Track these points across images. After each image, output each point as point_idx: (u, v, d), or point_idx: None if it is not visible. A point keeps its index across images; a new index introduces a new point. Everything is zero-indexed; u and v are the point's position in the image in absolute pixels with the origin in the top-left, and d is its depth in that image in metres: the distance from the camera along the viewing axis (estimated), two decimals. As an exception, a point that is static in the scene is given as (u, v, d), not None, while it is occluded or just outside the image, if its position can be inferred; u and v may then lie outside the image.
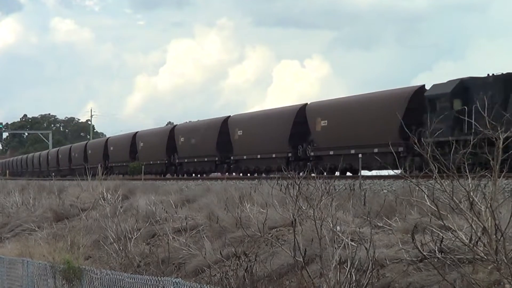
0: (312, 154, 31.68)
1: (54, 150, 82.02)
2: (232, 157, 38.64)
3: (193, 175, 42.91)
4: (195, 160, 42.55)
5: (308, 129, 32.58)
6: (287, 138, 33.57)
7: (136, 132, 54.77)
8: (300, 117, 33.32)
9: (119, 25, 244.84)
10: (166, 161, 46.35)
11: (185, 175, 43.08)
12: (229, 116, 40.49)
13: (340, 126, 30.03)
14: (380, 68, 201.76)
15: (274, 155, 33.91)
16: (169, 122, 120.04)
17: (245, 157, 37.12)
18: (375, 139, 26.38)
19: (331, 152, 29.97)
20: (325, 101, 33.72)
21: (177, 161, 45.22)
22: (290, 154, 33.22)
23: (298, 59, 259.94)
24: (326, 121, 31.29)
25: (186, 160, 43.78)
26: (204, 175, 41.00)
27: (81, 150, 66.41)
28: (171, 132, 46.79)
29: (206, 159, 41.32)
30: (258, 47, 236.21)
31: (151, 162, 48.85)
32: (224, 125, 39.81)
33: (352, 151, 27.74)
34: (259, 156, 35.80)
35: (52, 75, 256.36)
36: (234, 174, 38.47)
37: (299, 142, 33.19)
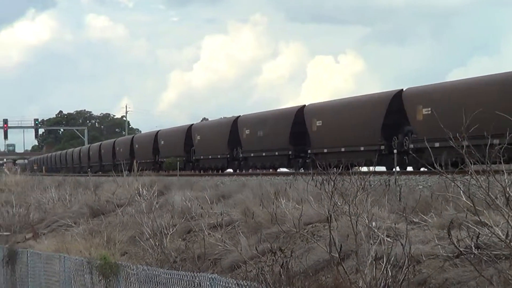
0: (411, 146, 27.87)
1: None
2: (309, 151, 35.12)
3: (257, 170, 39.13)
4: (263, 154, 39.32)
5: (406, 119, 29.14)
6: (379, 128, 30.09)
7: (192, 124, 54.10)
8: (395, 105, 29.75)
9: (152, 21, 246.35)
10: (228, 155, 43.55)
11: (250, 170, 39.90)
12: (304, 105, 37.10)
13: (450, 112, 25.82)
14: (414, 63, 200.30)
15: (362, 148, 30.84)
16: (204, 119, 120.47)
17: (325, 150, 33.78)
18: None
19: (437, 144, 25.13)
20: (427, 86, 30.06)
21: (241, 155, 42.70)
22: (382, 147, 29.82)
23: (332, 55, 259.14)
24: (429, 109, 27.54)
25: (252, 155, 40.75)
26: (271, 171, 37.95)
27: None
28: (234, 124, 43.90)
29: (276, 153, 37.84)
30: (291, 43, 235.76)
31: (210, 157, 48.17)
32: (299, 115, 36.25)
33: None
34: (343, 149, 32.24)
35: (87, 72, 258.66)
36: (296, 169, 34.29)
37: (394, 133, 29.81)
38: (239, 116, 43.80)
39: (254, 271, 10.91)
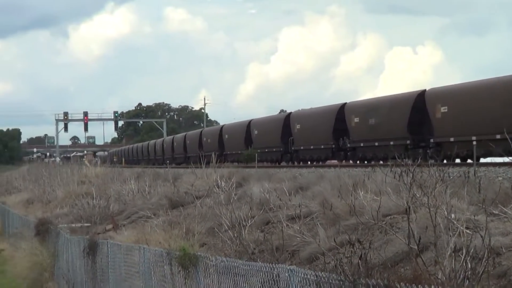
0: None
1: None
2: (431, 140, 32.76)
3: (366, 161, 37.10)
4: (376, 144, 36.44)
5: None
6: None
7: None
8: None
9: (230, 14, 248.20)
10: (333, 145, 42.04)
11: (355, 162, 38.04)
12: (425, 89, 34.74)
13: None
14: (495, 54, 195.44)
15: (498, 136, 27.56)
16: (282, 110, 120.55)
17: (451, 139, 31.12)
18: None
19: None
20: None
21: (348, 145, 40.80)
22: None
23: (411, 46, 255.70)
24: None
25: (361, 144, 38.18)
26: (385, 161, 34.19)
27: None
28: (340, 112, 42.16)
29: (392, 143, 34.58)
30: (369, 34, 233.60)
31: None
32: (419, 100, 34.09)
33: None
34: (473, 138, 28.98)
35: (166, 64, 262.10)
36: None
37: None
38: (346, 103, 41.52)
39: (333, 263, 10.99)
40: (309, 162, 43.08)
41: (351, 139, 39.19)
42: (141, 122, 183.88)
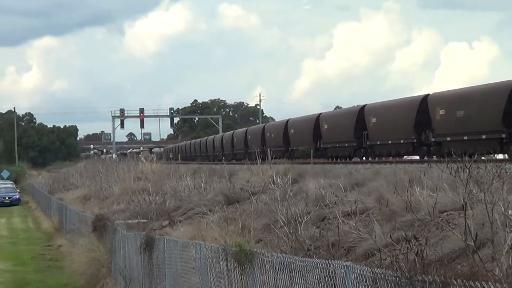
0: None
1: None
2: None
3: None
4: (465, 138, 34.09)
5: None
6: None
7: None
8: None
9: (285, 10, 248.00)
10: (415, 140, 40.04)
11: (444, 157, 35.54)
12: None
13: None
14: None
15: None
16: (337, 107, 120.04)
17: None
18: None
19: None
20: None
21: (432, 139, 38.80)
22: None
23: (466, 41, 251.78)
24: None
25: (448, 139, 35.49)
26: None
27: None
28: (423, 103, 39.84)
29: (484, 137, 32.57)
30: (425, 30, 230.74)
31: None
32: None
33: None
34: None
35: (221, 61, 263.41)
36: None
37: None
38: (428, 94, 39.35)
39: (389, 259, 11.02)
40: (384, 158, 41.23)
41: (435, 133, 37.16)
42: (196, 119, 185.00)
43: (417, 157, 38.21)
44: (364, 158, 44.37)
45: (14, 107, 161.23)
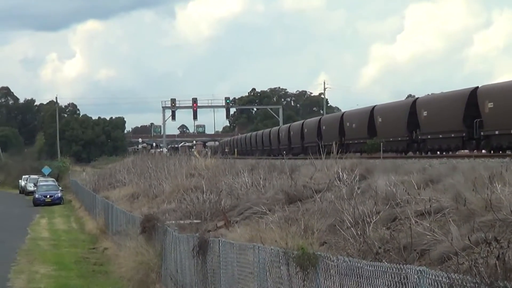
0: None
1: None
2: None
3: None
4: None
5: None
6: None
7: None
8: None
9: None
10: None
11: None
12: None
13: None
14: None
15: None
16: (409, 95, 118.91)
17: None
18: None
19: None
20: None
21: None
22: None
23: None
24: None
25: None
26: None
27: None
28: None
29: None
30: (506, 10, 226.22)
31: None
32: None
33: None
34: None
35: (281, 45, 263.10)
36: None
37: None
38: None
39: (467, 264, 11.01)
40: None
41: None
42: (255, 109, 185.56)
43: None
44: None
45: (56, 98, 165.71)
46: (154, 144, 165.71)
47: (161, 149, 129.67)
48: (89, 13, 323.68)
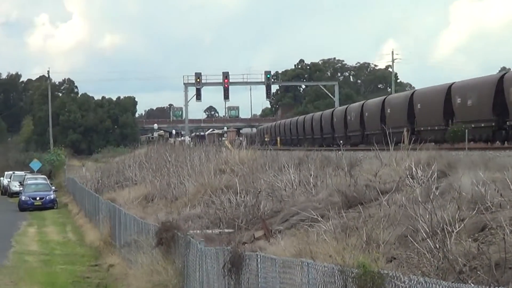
0: None
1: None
2: None
3: None
4: None
5: None
6: None
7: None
8: None
9: None
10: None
11: None
12: None
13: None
14: None
15: None
16: (503, 68, 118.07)
17: None
18: None
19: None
20: None
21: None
22: None
23: None
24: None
25: None
26: None
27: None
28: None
29: None
30: None
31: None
32: None
33: None
34: None
35: (336, 5, 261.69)
36: None
37: None
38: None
39: None
40: None
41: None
42: (303, 87, 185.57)
43: None
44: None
45: (48, 72, 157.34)
46: (173, 132, 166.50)
47: (182, 138, 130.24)
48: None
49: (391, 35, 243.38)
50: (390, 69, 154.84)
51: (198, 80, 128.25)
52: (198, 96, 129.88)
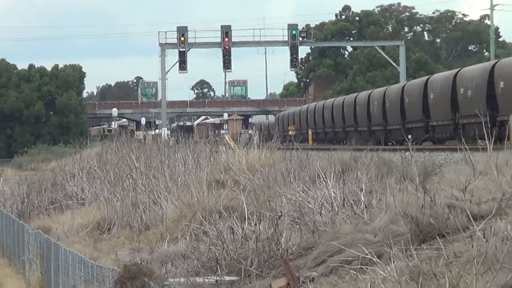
0: None
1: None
2: None
3: None
4: None
5: None
6: None
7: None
8: None
9: None
10: None
11: None
12: None
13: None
14: None
15: None
16: None
17: None
18: None
19: None
20: None
21: None
22: None
23: None
24: None
25: None
26: None
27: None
28: None
29: None
30: None
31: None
32: None
33: None
34: None
35: None
36: None
37: None
38: None
39: None
40: None
41: None
42: (349, 49, 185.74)
43: None
44: None
45: None
46: (142, 121, 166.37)
47: (157, 131, 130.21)
48: None
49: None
50: (487, 21, 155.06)
51: (182, 38, 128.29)
52: (183, 64, 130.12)
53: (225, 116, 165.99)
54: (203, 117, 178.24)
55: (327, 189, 34.44)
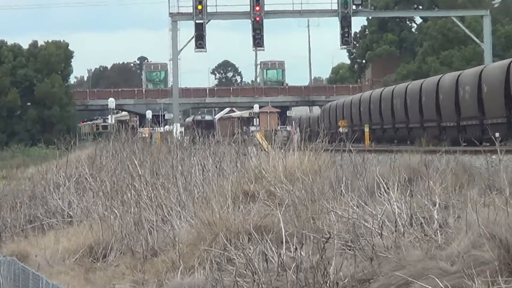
0: None
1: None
2: None
3: None
4: None
5: None
6: None
7: None
8: None
9: None
10: None
11: None
12: None
13: None
14: None
15: None
16: None
17: None
18: None
19: None
20: None
21: None
22: None
23: None
24: None
25: None
26: None
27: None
28: None
29: None
30: None
31: None
32: None
33: None
34: None
35: None
36: None
37: None
38: None
39: None
40: None
41: None
42: (417, 21, 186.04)
43: None
44: None
45: None
46: (148, 114, 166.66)
47: (167, 127, 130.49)
48: None
49: None
50: None
51: (199, 7, 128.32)
52: (200, 41, 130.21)
53: (256, 108, 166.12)
54: (227, 109, 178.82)
55: (389, 203, 34.47)
